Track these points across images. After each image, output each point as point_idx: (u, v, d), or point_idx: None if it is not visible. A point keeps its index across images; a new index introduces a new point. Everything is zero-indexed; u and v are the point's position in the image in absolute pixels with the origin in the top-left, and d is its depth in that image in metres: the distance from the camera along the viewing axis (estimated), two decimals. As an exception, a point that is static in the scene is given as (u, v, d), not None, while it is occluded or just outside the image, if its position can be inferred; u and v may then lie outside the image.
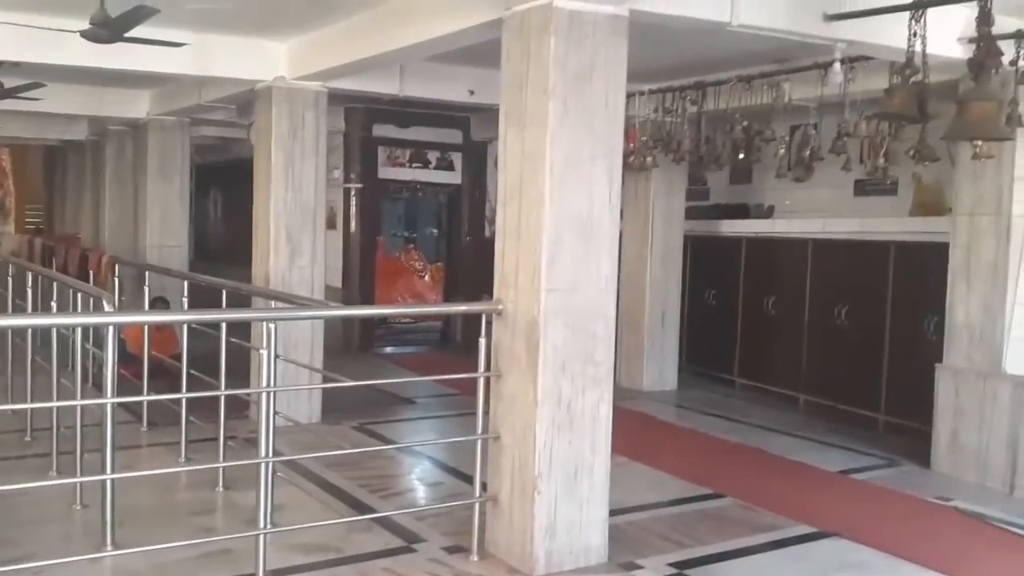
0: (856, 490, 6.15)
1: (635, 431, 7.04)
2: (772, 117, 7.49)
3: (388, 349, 11.80)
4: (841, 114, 6.95)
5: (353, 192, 11.48)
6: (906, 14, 4.88)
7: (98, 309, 5.10)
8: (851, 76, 6.48)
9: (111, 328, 4.46)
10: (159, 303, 8.52)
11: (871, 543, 4.96)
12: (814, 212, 8.85)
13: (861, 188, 8.58)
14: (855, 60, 6.35)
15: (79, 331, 5.67)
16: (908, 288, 7.54)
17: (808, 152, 7.30)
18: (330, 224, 9.91)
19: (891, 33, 5.09)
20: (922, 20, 4.85)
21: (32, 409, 6.53)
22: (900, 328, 7.60)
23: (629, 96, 4.62)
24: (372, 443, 6.98)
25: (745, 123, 7.56)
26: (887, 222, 8.01)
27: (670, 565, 4.56)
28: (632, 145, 7.88)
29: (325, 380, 7.12)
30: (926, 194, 7.80)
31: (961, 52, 5.43)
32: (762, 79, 7.36)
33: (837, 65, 5.79)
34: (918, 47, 4.86)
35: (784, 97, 7.19)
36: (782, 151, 7.59)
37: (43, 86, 8.39)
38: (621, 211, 4.67)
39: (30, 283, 6.66)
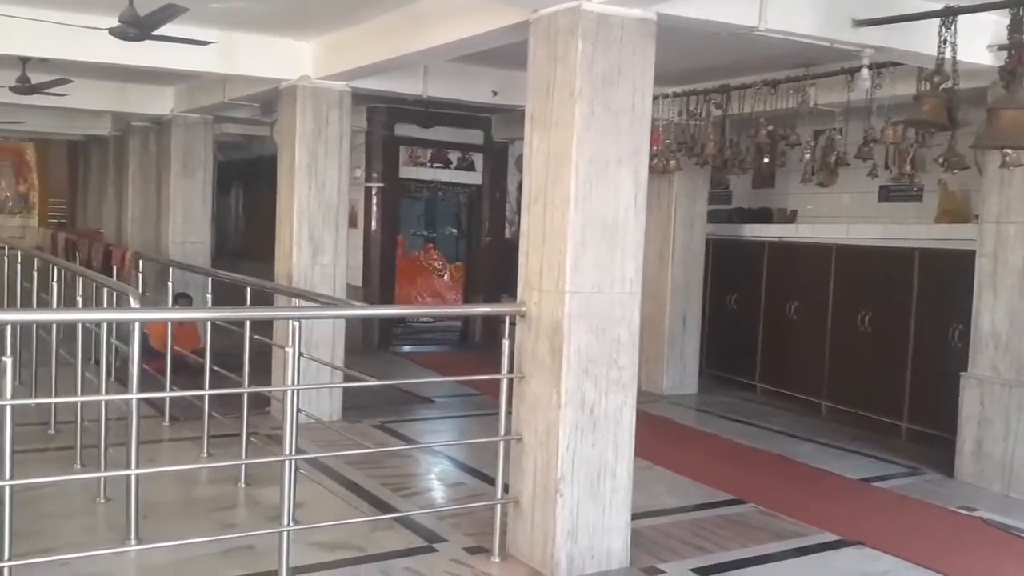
0: (879, 498, 6.11)
1: (656, 435, 7.02)
2: (797, 121, 7.45)
3: (407, 348, 11.82)
4: (867, 119, 6.91)
5: (374, 191, 11.50)
6: (936, 20, 4.85)
7: (123, 304, 5.14)
8: (878, 82, 6.44)
9: (136, 324, 4.49)
10: (182, 299, 8.57)
11: (894, 552, 4.93)
12: (838, 217, 8.82)
13: (885, 194, 8.53)
14: (882, 66, 6.30)
15: (104, 326, 5.70)
16: (933, 295, 7.48)
17: (833, 157, 7.25)
18: (351, 223, 9.93)
19: (920, 39, 5.06)
20: (952, 27, 4.82)
21: (56, 403, 6.59)
22: (924, 336, 7.55)
23: (653, 99, 4.61)
24: (393, 442, 6.99)
25: (770, 127, 7.52)
26: (912, 229, 7.96)
27: (692, 571, 4.55)
28: (655, 148, 7.86)
29: (347, 378, 7.14)
30: (952, 201, 7.75)
31: (991, 59, 5.39)
32: (788, 83, 7.32)
33: (865, 71, 5.76)
34: (948, 54, 4.83)
35: (810, 102, 7.15)
36: (807, 156, 7.53)
37: (70, 82, 8.47)
38: (644, 214, 4.65)
39: (55, 277, 6.70)
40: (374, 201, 11.52)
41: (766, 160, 7.87)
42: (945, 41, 4.83)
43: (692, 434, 7.83)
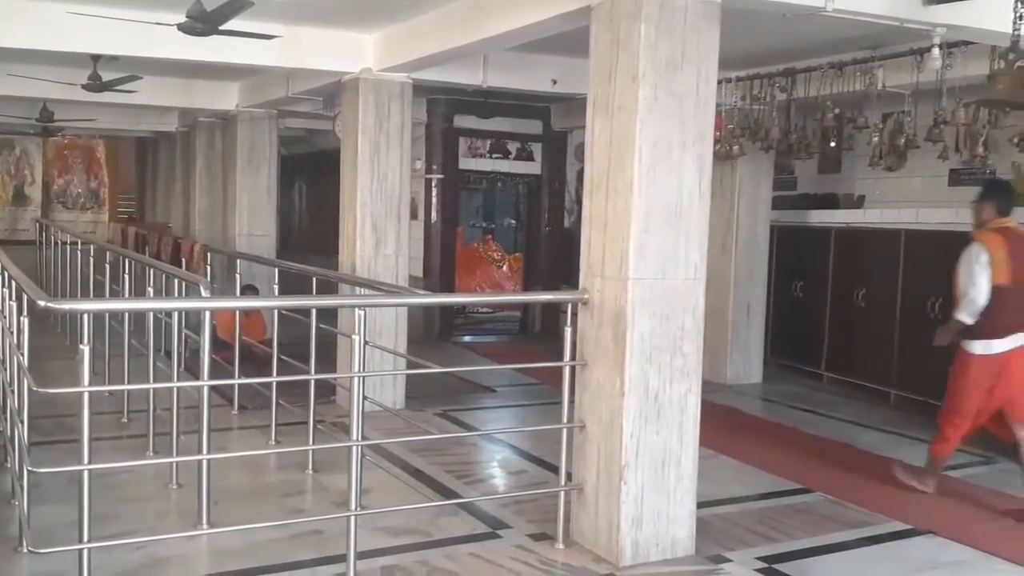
0: (950, 487, 5.96)
1: (720, 424, 6.92)
2: (864, 104, 7.29)
3: (467, 338, 11.86)
4: (937, 101, 6.73)
5: (434, 183, 11.57)
6: (1011, -4, 4.70)
7: (193, 294, 5.25)
8: (949, 62, 6.26)
9: (207, 313, 4.58)
10: (249, 291, 8.72)
11: (967, 541, 4.82)
12: (907, 202, 8.61)
13: (956, 177, 8.30)
14: (954, 45, 6.13)
15: (175, 316, 5.83)
16: (1006, 281, 7.26)
17: (902, 140, 7.09)
18: (412, 214, 10.01)
19: (994, 17, 4.91)
20: (1029, 1, 4.66)
21: (128, 391, 6.76)
22: (997, 322, 7.33)
23: (716, 83, 4.56)
24: (455, 430, 7.04)
25: (836, 110, 7.38)
26: (984, 212, 7.73)
27: (759, 559, 4.50)
28: (718, 133, 7.76)
29: (410, 366, 7.19)
30: (1026, 184, 7.52)
31: (1070, 35, 5.20)
32: (855, 65, 7.17)
33: (936, 51, 5.59)
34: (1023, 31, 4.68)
35: (877, 84, 6.99)
36: (875, 139, 7.37)
37: (139, 79, 8.66)
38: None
39: (126, 269, 6.88)
40: (434, 193, 11.59)
41: (832, 144, 7.72)
42: (1021, 17, 4.67)
43: (757, 423, 7.73)
